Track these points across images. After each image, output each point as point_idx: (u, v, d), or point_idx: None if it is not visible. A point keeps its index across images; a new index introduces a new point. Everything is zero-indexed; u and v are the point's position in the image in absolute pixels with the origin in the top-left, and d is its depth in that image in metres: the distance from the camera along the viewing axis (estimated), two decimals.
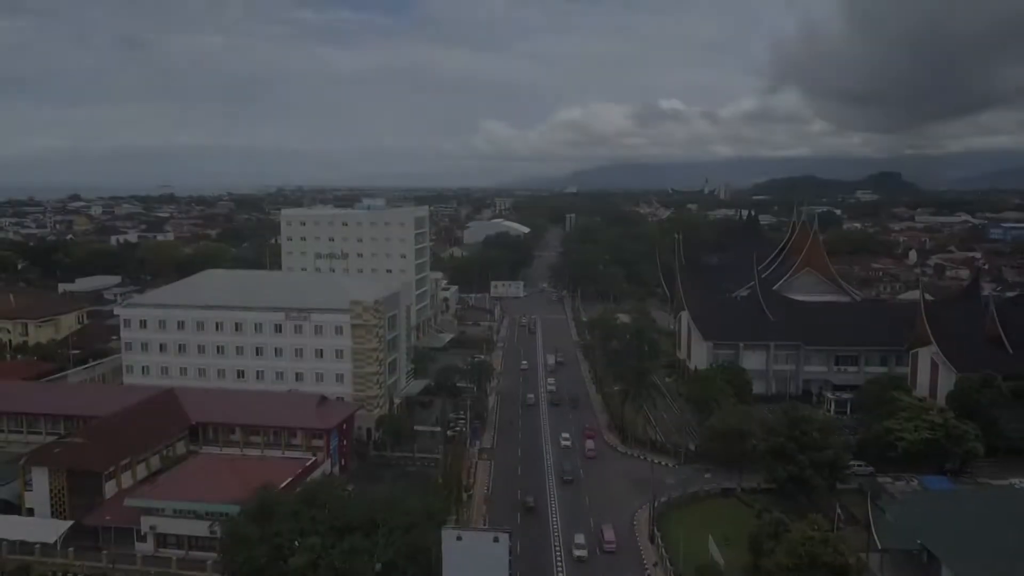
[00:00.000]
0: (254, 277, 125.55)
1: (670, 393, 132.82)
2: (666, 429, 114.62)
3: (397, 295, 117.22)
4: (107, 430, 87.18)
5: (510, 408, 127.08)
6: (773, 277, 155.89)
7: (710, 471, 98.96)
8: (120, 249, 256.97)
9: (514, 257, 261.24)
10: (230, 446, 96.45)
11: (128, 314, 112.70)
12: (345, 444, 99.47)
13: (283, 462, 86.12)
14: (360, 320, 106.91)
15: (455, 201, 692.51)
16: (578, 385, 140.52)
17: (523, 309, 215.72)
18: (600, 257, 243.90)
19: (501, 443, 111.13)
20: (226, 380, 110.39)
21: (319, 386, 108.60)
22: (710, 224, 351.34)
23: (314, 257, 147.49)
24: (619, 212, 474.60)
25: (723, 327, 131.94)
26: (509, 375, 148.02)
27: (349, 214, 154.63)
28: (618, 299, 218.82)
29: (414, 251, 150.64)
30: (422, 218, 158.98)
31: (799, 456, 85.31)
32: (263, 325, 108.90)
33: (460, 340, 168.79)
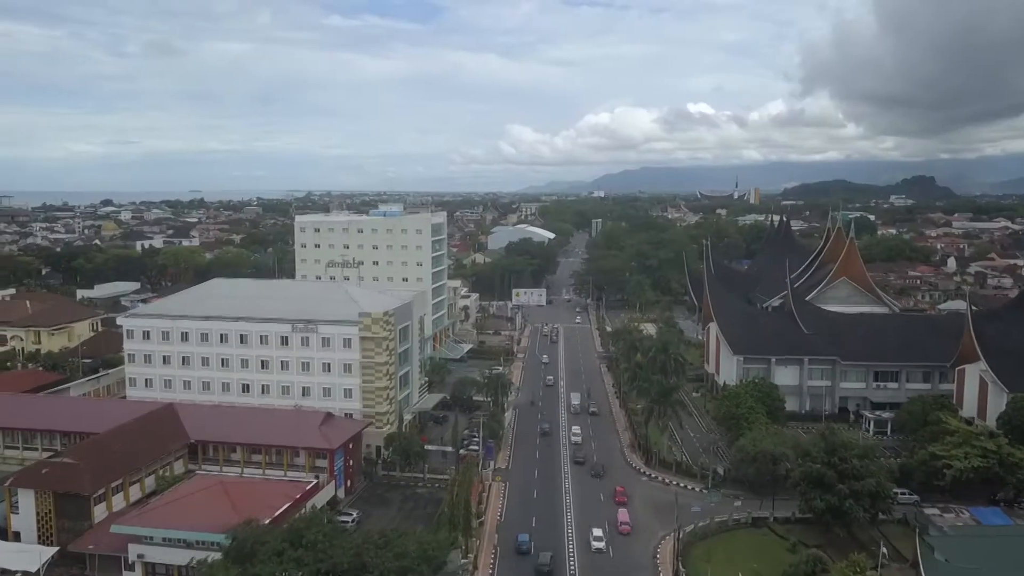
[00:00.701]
0: (261, 287, 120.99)
1: (697, 410, 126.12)
2: (693, 450, 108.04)
3: (409, 305, 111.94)
4: (98, 449, 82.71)
5: (529, 424, 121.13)
6: (806, 287, 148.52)
7: (740, 498, 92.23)
8: (141, 255, 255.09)
9: (538, 264, 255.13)
10: (231, 465, 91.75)
11: (131, 324, 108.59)
12: (351, 464, 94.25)
13: (281, 485, 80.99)
14: (369, 332, 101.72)
15: (481, 206, 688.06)
16: (601, 399, 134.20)
17: (546, 317, 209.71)
18: (625, 264, 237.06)
19: (518, 462, 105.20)
20: (231, 394, 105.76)
21: (326, 401, 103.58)
22: (740, 230, 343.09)
23: (326, 265, 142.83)
24: (646, 217, 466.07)
25: (753, 340, 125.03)
26: (529, 388, 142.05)
27: (364, 221, 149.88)
28: (644, 308, 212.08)
29: (431, 258, 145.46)
30: (439, 224, 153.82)
31: (838, 485, 78.43)
32: (269, 337, 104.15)
33: (479, 350, 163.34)
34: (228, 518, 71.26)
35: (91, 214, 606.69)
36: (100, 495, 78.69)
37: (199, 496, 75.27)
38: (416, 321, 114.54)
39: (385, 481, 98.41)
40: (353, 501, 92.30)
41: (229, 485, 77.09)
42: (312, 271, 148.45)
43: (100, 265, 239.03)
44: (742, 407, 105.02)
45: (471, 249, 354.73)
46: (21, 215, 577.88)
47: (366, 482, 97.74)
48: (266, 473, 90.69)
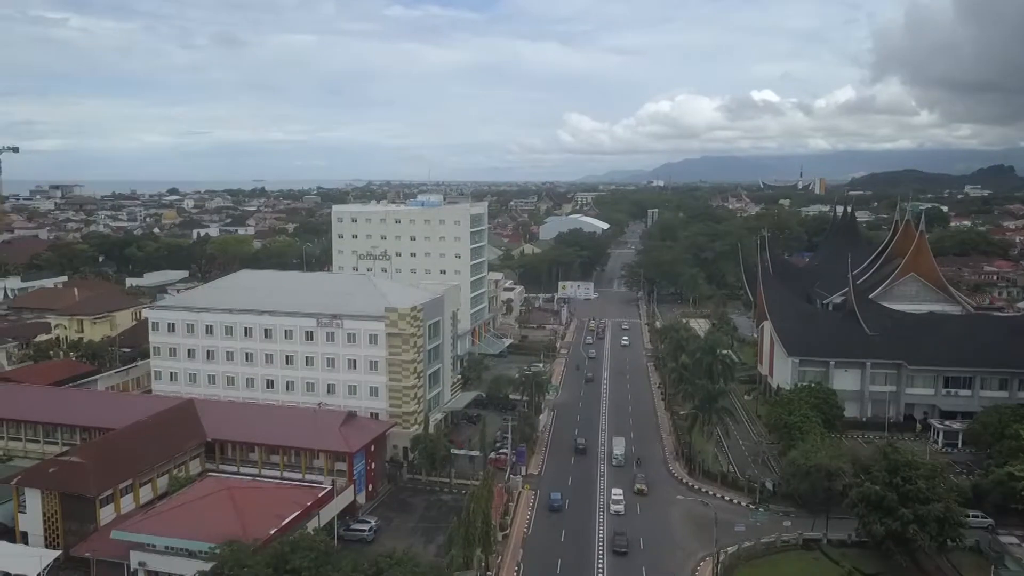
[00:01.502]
0: (289, 279, 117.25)
1: (748, 415, 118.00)
2: (741, 459, 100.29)
3: (440, 300, 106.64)
4: (108, 448, 79.67)
5: (567, 427, 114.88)
6: (871, 283, 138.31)
7: (791, 515, 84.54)
8: (191, 244, 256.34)
9: (587, 255, 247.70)
10: (248, 466, 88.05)
11: (156, 317, 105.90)
12: (373, 468, 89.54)
13: (293, 491, 76.53)
14: (395, 328, 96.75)
15: (536, 196, 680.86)
16: (646, 401, 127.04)
17: (593, 311, 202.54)
18: (679, 256, 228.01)
19: (551, 469, 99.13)
20: (255, 390, 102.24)
21: (352, 400, 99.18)
22: (802, 221, 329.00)
23: (357, 257, 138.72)
24: (706, 207, 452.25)
25: (811, 341, 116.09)
26: (570, 387, 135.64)
27: (402, 211, 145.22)
28: (698, 302, 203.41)
29: (470, 250, 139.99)
30: (479, 215, 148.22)
31: (900, 509, 70.23)
32: (293, 332, 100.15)
33: (520, 346, 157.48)
34: (232, 527, 67.11)
35: (155, 202, 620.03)
36: (108, 496, 75.58)
37: (204, 502, 71.30)
38: (448, 316, 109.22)
39: (410, 485, 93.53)
40: (374, 507, 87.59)
41: (237, 491, 72.90)
42: (349, 262, 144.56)
43: (151, 253, 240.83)
44: (795, 414, 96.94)
45: (522, 239, 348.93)
46: (89, 203, 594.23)
47: (390, 486, 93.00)
48: (283, 475, 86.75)
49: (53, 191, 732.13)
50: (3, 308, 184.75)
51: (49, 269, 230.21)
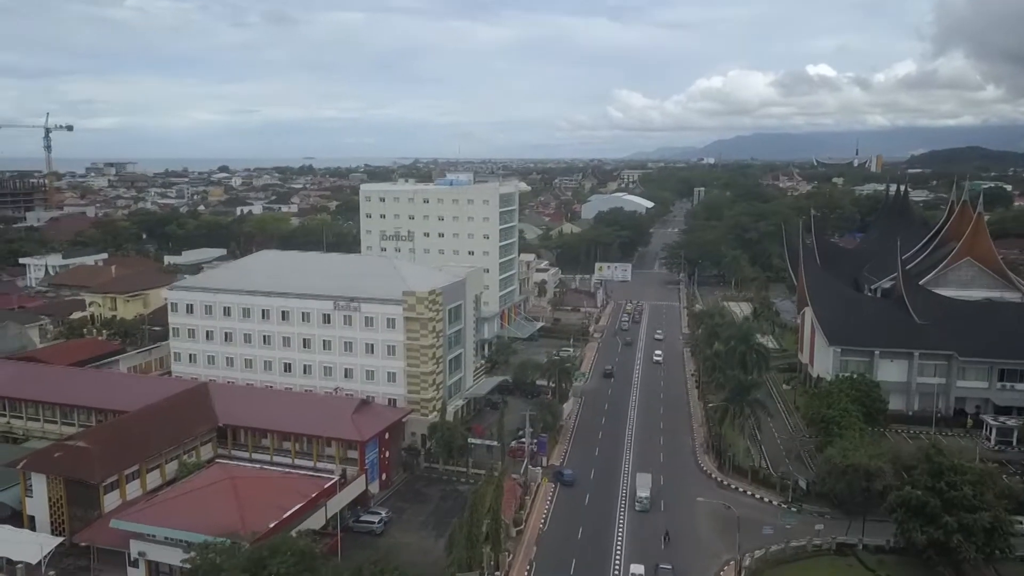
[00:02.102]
0: (310, 260, 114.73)
1: (786, 405, 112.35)
2: (776, 454, 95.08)
3: (462, 283, 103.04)
4: (115, 432, 78.31)
5: (594, 415, 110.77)
6: (923, 267, 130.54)
7: (826, 517, 79.44)
8: (230, 222, 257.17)
9: (628, 235, 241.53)
10: (260, 452, 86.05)
11: (175, 297, 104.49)
12: (387, 456, 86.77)
13: (300, 481, 73.98)
14: (413, 313, 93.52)
15: (581, 173, 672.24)
16: (679, 388, 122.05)
17: (631, 294, 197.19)
18: (722, 236, 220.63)
19: (574, 460, 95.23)
20: (273, 373, 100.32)
21: (369, 385, 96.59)
22: (855, 200, 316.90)
23: (380, 238, 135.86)
24: (754, 185, 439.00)
25: (854, 329, 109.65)
26: (600, 373, 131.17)
27: (429, 190, 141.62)
28: (740, 285, 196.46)
29: (498, 231, 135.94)
30: (509, 194, 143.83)
31: (944, 517, 64.84)
32: (310, 314, 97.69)
33: (552, 329, 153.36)
34: (231, 519, 64.95)
35: (203, 180, 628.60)
36: (113, 482, 74.10)
37: (206, 492, 69.21)
38: (470, 300, 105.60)
39: (426, 474, 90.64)
40: (387, 497, 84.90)
41: (240, 481, 70.66)
42: (377, 243, 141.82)
43: (191, 231, 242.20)
44: (835, 408, 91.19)
45: (564, 218, 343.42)
46: (140, 180, 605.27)
47: (406, 475, 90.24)
48: (295, 462, 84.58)
49: (108, 168, 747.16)
50: (44, 285, 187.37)
51: (93, 246, 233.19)
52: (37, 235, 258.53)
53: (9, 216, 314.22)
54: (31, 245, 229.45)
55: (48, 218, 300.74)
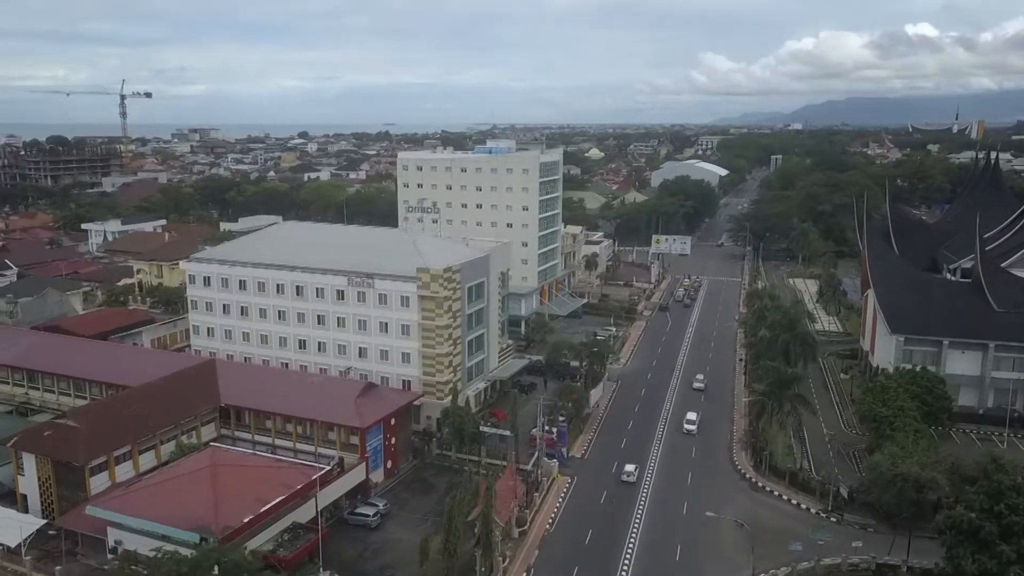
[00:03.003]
0: (330, 233, 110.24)
1: (842, 398, 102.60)
2: (822, 454, 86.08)
3: (485, 259, 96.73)
4: (107, 411, 75.85)
5: (628, 401, 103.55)
6: (1008, 247, 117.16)
7: (868, 530, 70.89)
8: (288, 189, 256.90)
9: (692, 206, 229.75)
10: (263, 434, 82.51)
11: (193, 269, 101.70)
12: (394, 442, 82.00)
13: (291, 470, 69.84)
14: (427, 291, 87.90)
15: (657, 140, 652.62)
16: (724, 375, 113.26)
17: (690, 268, 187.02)
18: (794, 208, 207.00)
19: (597, 452, 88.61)
20: (288, 350, 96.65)
21: (383, 366, 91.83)
22: (947, 170, 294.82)
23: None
24: (842, 152, 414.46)
25: (921, 316, 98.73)
26: (642, 355, 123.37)
27: (467, 159, 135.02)
28: (809, 260, 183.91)
29: (538, 202, 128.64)
30: (552, 163, 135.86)
31: (999, 546, 55.76)
32: (324, 290, 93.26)
33: (597, 306, 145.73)
34: (204, 512, 61.44)
35: (280, 145, 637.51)
36: (102, 463, 71.59)
37: (185, 480, 65.78)
38: (495, 276, 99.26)
39: (437, 462, 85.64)
40: (391, 487, 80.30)
41: (224, 469, 66.95)
42: (414, 214, 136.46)
43: (250, 197, 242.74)
44: (889, 405, 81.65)
45: (632, 186, 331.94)
46: (220, 146, 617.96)
47: (415, 462, 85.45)
48: (297, 447, 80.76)
49: (192, 134, 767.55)
50: (101, 251, 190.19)
51: (156, 212, 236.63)
52: (108, 200, 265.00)
53: (86, 181, 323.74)
54: (99, 210, 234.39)
55: (121, 184, 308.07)
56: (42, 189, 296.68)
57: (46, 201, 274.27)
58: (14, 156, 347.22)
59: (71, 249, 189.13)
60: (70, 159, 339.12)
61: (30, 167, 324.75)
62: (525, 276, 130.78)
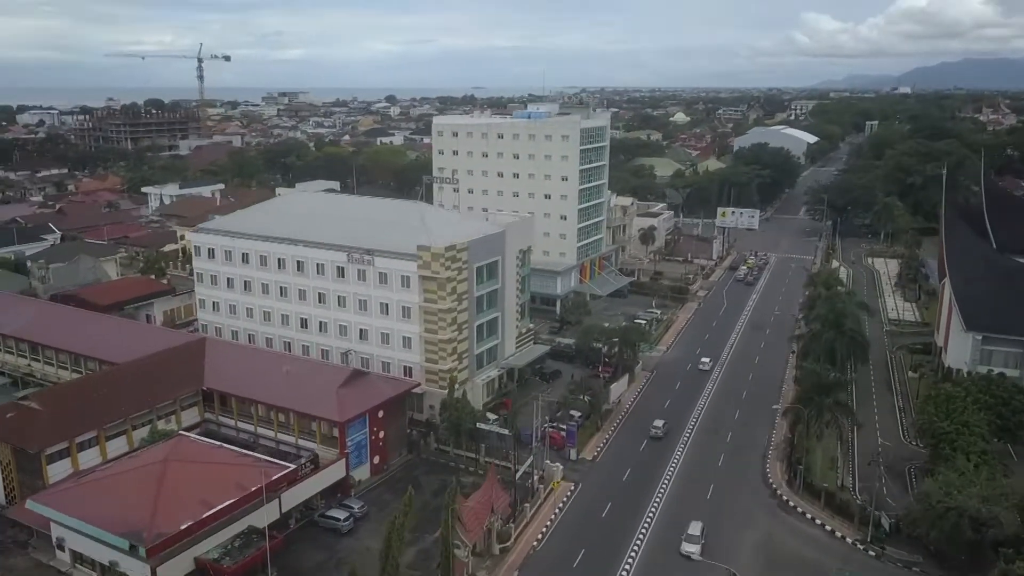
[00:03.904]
0: (339, 204, 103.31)
1: (907, 401, 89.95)
2: (871, 471, 74.38)
3: (500, 236, 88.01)
4: (73, 394, 71.73)
5: (659, 394, 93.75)
6: None
7: (914, 569, 59.98)
8: (348, 154, 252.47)
9: (769, 176, 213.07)
10: (246, 420, 76.96)
11: (198, 240, 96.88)
12: (382, 436, 75.12)
13: (251, 469, 63.42)
14: (428, 271, 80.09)
15: (747, 104, 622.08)
16: (774, 369, 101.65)
17: (758, 244, 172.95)
18: (876, 180, 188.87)
19: (611, 455, 79.52)
20: (290, 328, 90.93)
21: (384, 350, 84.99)
22: None
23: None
24: (947, 119, 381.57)
25: (1004, 310, 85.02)
26: (687, 342, 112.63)
27: (504, 124, 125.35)
28: (892, 238, 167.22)
29: (578, 171, 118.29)
30: (598, 128, 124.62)
31: None
32: (325, 266, 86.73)
33: (644, 285, 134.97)
34: (142, 515, 55.97)
35: (363, 109, 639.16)
36: (63, 450, 67.37)
37: (132, 476, 60.54)
38: (512, 254, 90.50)
39: (433, 458, 78.41)
40: (375, 485, 73.54)
41: (177, 465, 61.32)
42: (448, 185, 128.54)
43: (311, 162, 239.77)
44: (954, 419, 69.39)
45: (712, 153, 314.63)
46: (304, 110, 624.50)
47: (409, 456, 78.45)
48: (278, 436, 74.94)
49: (281, 98, 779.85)
50: (156, 215, 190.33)
51: (222, 176, 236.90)
52: (179, 163, 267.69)
53: (164, 144, 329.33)
54: (167, 173, 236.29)
55: (194, 147, 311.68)
56: (120, 152, 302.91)
57: (125, 164, 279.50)
58: (99, 119, 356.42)
59: (127, 213, 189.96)
60: (149, 122, 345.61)
61: (111, 130, 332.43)
62: (563, 252, 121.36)
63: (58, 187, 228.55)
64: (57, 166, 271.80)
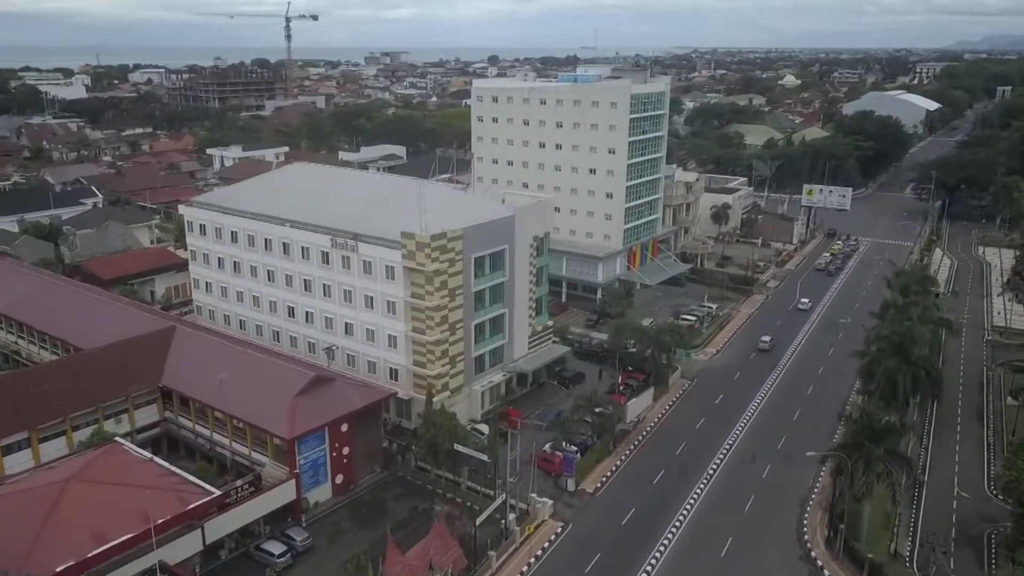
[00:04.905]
0: (339, 178, 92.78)
1: (1000, 435, 73.17)
2: (941, 533, 59.22)
3: (508, 221, 75.87)
4: (7, 389, 64.44)
5: (694, 411, 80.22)
6: None
7: None
8: (419, 117, 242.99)
9: (873, 148, 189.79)
10: (204, 424, 68.67)
11: (190, 215, 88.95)
12: (348, 453, 65.35)
13: (171, 493, 54.87)
14: (413, 262, 69.12)
15: (864, 67, 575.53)
16: (836, 389, 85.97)
17: (855, 227, 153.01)
18: (1000, 155, 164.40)
19: (617, 486, 67.12)
20: (278, 316, 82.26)
21: (369, 348, 75.12)
22: None
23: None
24: None
25: None
26: (741, 345, 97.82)
27: (547, 89, 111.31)
28: (1012, 223, 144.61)
29: (627, 143, 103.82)
30: (655, 95, 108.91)
31: None
32: (310, 250, 77.09)
33: (705, 273, 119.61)
34: (19, 548, 48.01)
35: (461, 70, 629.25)
36: None
37: (21, 499, 52.64)
38: (524, 242, 78.33)
39: (411, 477, 68.14)
40: (334, 508, 63.91)
41: (80, 486, 53.04)
42: (488, 152, 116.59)
43: (381, 125, 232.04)
44: None
45: (816, 121, 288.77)
46: (401, 70, 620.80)
47: (383, 474, 68.43)
48: (232, 446, 66.36)
49: (383, 58, 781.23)
50: (216, 178, 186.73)
51: (295, 138, 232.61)
52: (256, 124, 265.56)
53: (252, 104, 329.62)
54: (239, 134, 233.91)
55: (275, 108, 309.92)
56: (206, 111, 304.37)
57: (207, 124, 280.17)
58: (190, 79, 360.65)
59: (186, 176, 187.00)
60: (236, 82, 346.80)
61: (201, 89, 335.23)
62: (608, 235, 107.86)
63: (132, 147, 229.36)
64: (143, 125, 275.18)
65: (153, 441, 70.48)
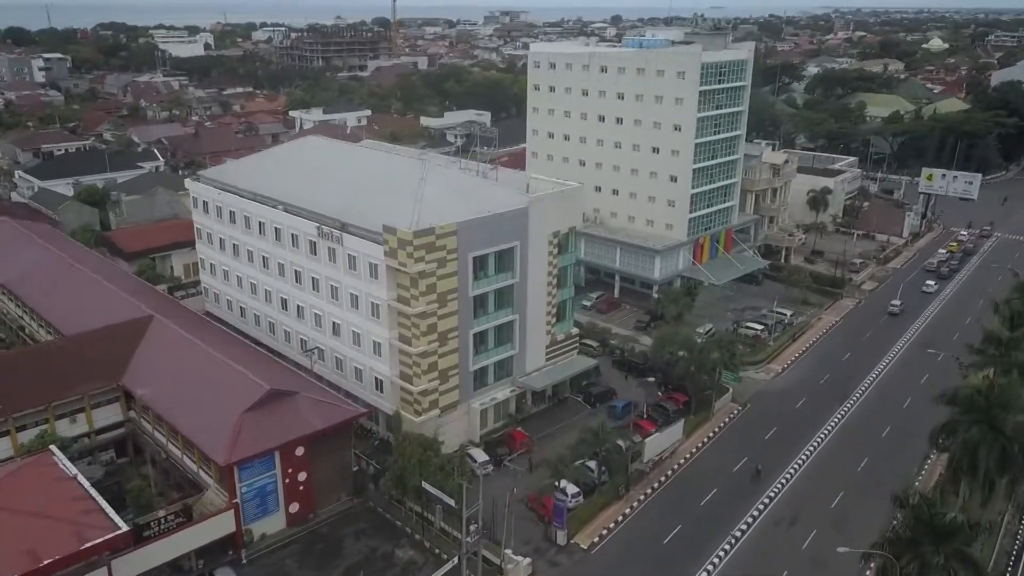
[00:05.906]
0: (348, 155, 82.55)
1: None
2: None
3: (520, 214, 64.31)
4: None
5: (734, 448, 67.06)
6: None
7: None
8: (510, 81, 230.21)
9: (1016, 124, 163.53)
10: (161, 430, 61.68)
11: (196, 190, 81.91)
12: (306, 479, 56.76)
13: (76, 528, 47.80)
14: (395, 261, 59.08)
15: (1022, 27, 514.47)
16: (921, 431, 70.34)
17: (982, 218, 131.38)
18: None
19: (619, 543, 55.55)
20: (272, 306, 74.45)
21: (355, 352, 66.08)
22: None
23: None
24: None
25: None
26: (812, 363, 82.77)
27: (610, 55, 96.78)
28: None
29: (695, 119, 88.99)
30: (734, 63, 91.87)
31: None
32: (299, 238, 68.37)
33: (783, 271, 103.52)
34: None
35: (577, 31, 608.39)
36: None
37: None
38: (543, 238, 66.62)
39: (382, 509, 59.02)
40: (287, 541, 55.62)
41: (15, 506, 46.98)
42: (544, 125, 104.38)
43: (469, 88, 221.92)
44: None
45: (957, 90, 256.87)
46: (518, 30, 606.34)
47: (351, 503, 59.57)
48: (184, 460, 59.04)
49: (503, 17, 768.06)
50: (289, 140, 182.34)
51: (388, 101, 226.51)
52: (353, 85, 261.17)
53: (355, 63, 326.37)
54: (336, 96, 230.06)
55: (374, 68, 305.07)
56: (307, 71, 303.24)
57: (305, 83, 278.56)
58: (295, 39, 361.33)
59: (263, 138, 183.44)
60: (340, 41, 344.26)
61: (305, 49, 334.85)
62: (670, 223, 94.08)
63: (224, 107, 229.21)
64: (245, 84, 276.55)
65: (117, 443, 64.57)
